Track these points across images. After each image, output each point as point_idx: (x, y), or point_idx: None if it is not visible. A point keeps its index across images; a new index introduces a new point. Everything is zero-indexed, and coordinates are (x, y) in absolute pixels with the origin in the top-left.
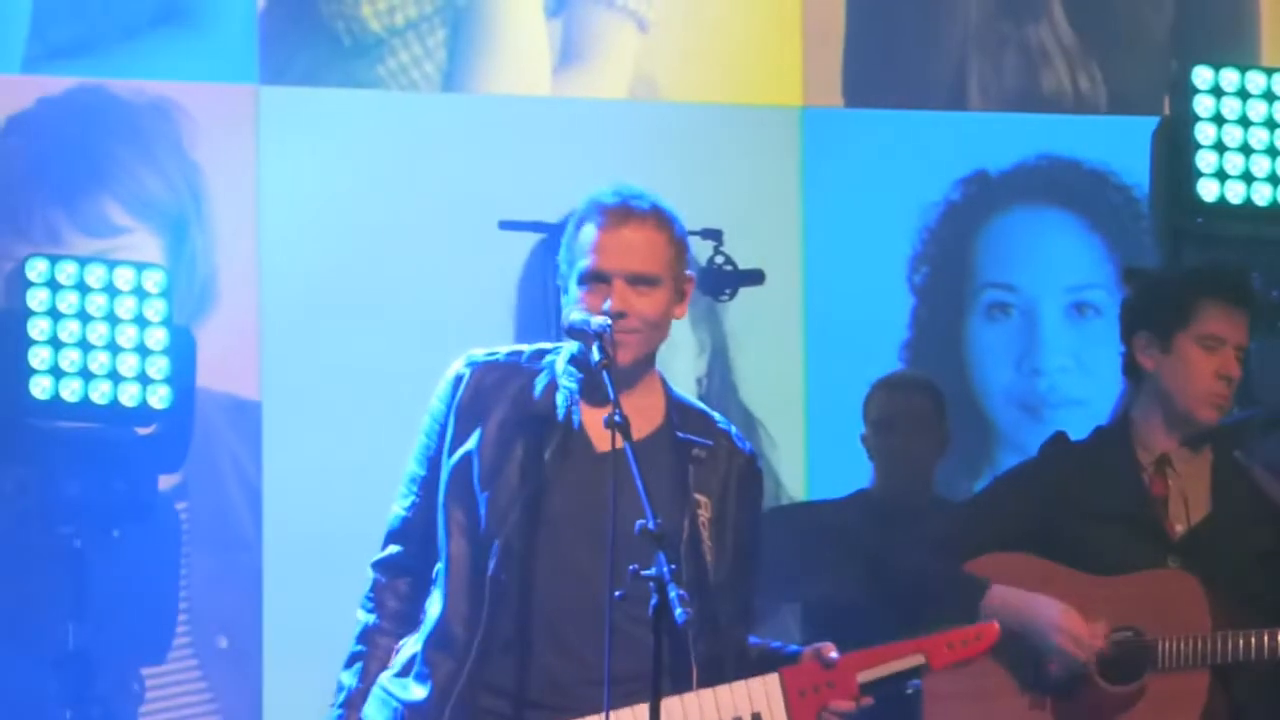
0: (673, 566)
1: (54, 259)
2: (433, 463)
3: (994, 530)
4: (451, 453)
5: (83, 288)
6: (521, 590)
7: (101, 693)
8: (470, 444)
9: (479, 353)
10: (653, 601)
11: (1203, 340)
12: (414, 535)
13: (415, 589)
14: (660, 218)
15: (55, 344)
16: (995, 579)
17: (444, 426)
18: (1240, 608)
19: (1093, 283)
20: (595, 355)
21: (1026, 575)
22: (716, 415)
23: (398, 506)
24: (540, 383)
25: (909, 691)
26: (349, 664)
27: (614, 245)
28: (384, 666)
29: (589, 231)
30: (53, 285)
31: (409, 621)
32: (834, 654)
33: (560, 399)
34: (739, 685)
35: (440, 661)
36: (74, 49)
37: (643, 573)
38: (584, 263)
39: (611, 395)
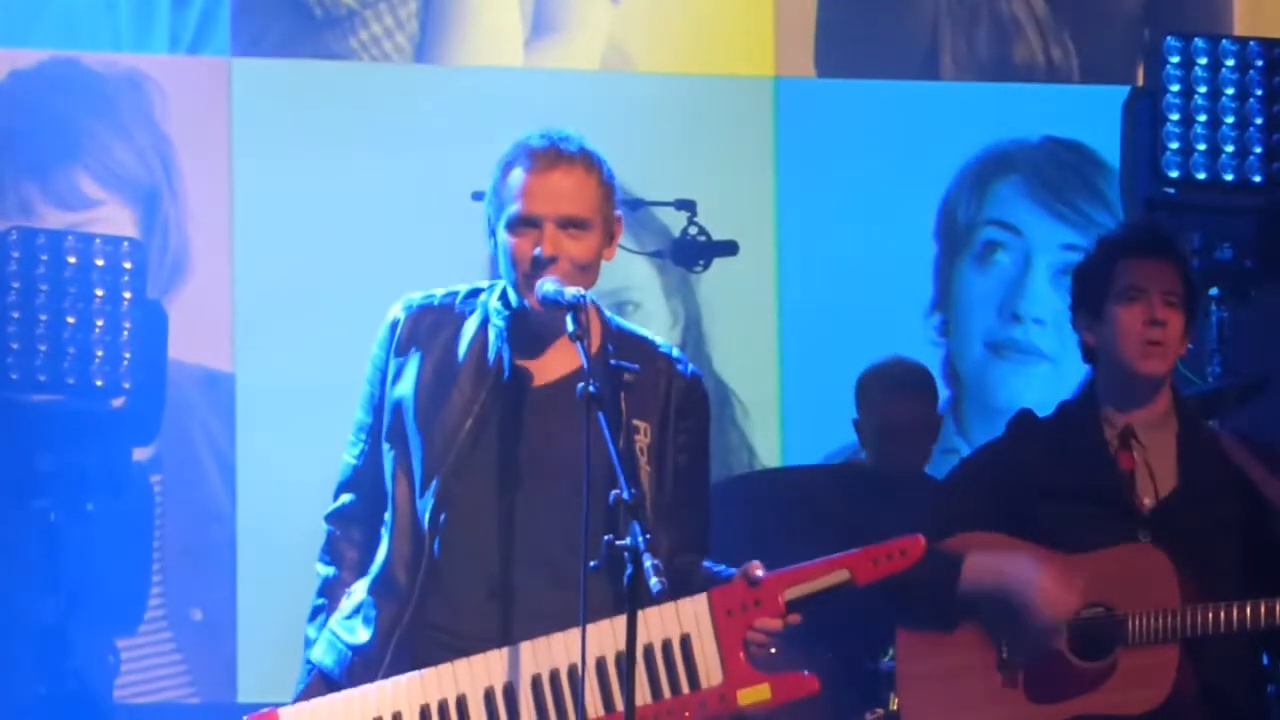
0: (648, 536)
1: (30, 231)
2: (377, 409)
3: (963, 511)
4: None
5: (58, 261)
6: (462, 530)
7: (76, 665)
8: (406, 386)
9: (415, 296)
10: (628, 571)
11: (1124, 294)
12: (364, 483)
13: (369, 537)
14: (589, 160)
15: (32, 318)
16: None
17: (384, 372)
18: (1209, 580)
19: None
20: (569, 326)
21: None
22: (659, 340)
23: (347, 455)
24: (474, 323)
25: (881, 670)
26: (312, 617)
27: (543, 189)
28: None
29: (517, 175)
30: (28, 258)
31: (366, 570)
32: (760, 572)
33: (492, 336)
34: (668, 607)
35: (384, 604)
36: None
37: (618, 543)
38: (513, 207)
39: (585, 365)
